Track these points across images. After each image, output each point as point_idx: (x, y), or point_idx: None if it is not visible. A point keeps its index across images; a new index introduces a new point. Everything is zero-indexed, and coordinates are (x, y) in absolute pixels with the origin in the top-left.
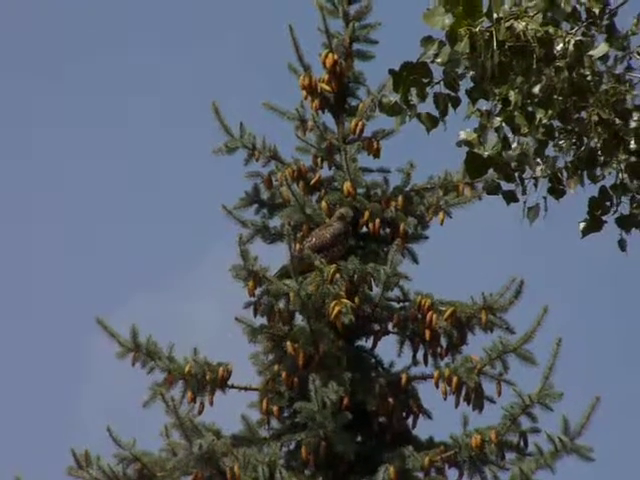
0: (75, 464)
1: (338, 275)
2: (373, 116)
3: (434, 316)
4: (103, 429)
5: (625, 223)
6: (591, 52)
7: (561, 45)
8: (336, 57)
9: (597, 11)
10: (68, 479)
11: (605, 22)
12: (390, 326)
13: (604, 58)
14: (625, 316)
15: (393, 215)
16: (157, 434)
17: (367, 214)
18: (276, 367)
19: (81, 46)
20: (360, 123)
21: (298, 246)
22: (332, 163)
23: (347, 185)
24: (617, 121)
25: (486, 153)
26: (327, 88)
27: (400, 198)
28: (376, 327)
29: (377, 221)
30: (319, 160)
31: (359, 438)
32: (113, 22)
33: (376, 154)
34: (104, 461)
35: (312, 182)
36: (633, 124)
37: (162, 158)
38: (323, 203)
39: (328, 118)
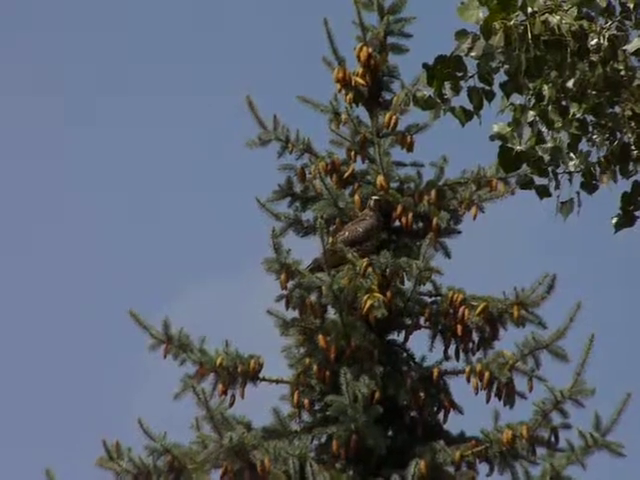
0: (106, 455)
1: (370, 269)
2: (407, 110)
3: (466, 311)
4: (135, 421)
5: None
6: (625, 47)
7: (595, 40)
8: (370, 50)
9: (632, 5)
10: (99, 471)
11: (636, 20)
12: (422, 320)
13: (638, 53)
14: None
15: (426, 209)
16: (188, 426)
17: (400, 208)
18: (307, 360)
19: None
20: (394, 117)
21: (331, 239)
22: (365, 157)
23: (380, 179)
24: None
25: (519, 147)
26: (361, 81)
27: (433, 192)
28: (408, 321)
29: (410, 215)
30: (352, 153)
31: (390, 432)
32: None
33: (409, 148)
34: (135, 453)
35: (345, 175)
36: None
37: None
38: (356, 197)
39: (362, 112)
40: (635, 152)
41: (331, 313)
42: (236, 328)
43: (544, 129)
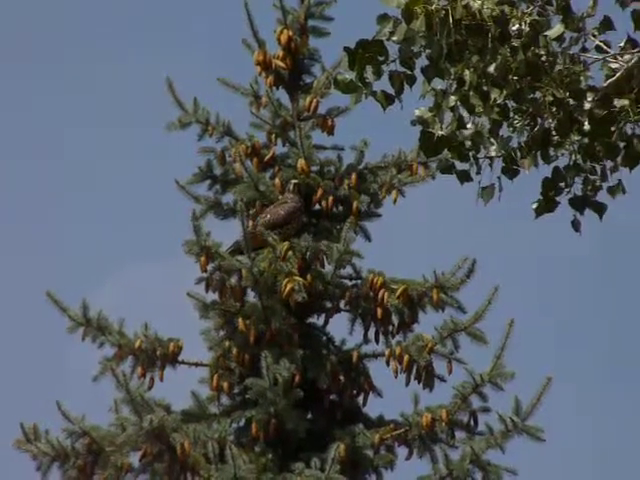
0: (24, 437)
1: (291, 252)
2: (327, 93)
3: (386, 294)
4: (53, 402)
5: (578, 204)
6: (547, 32)
7: (517, 25)
8: (291, 33)
9: None
10: (16, 453)
11: (561, 3)
12: (342, 304)
13: (559, 39)
14: (576, 296)
15: (346, 193)
16: (107, 409)
17: (320, 191)
18: (227, 343)
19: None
20: (314, 100)
21: (251, 222)
22: (286, 140)
23: (301, 162)
24: (571, 101)
25: (440, 132)
26: (281, 65)
27: (353, 176)
28: (328, 305)
29: (330, 199)
30: (273, 137)
31: (310, 415)
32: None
33: (330, 131)
34: (53, 435)
35: (266, 159)
36: (587, 105)
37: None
38: (276, 180)
39: (282, 95)
40: (555, 137)
41: (251, 296)
42: (156, 311)
43: (465, 114)
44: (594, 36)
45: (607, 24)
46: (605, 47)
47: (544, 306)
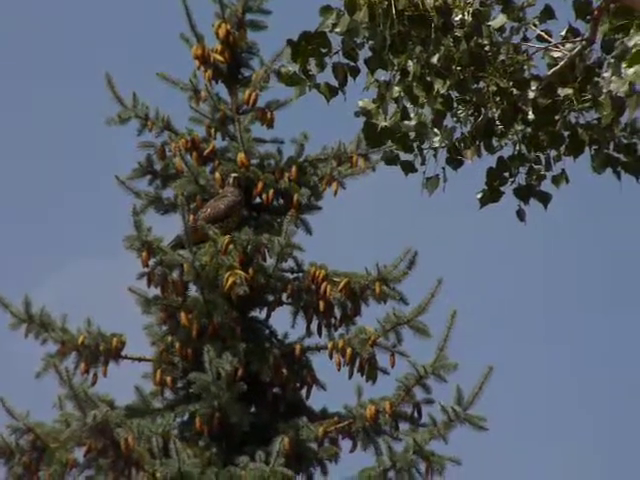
0: None
1: (232, 246)
2: (266, 86)
3: (328, 287)
4: None
5: (523, 194)
6: (489, 22)
7: (460, 15)
8: (229, 27)
9: None
10: None
11: None
12: (284, 297)
13: (501, 29)
14: (518, 287)
15: (287, 186)
16: (50, 405)
17: (260, 185)
18: (170, 338)
19: None
20: (253, 94)
21: (192, 217)
22: (226, 134)
23: (241, 156)
24: (515, 91)
25: (384, 123)
26: (220, 58)
27: (293, 169)
28: (270, 298)
29: (271, 192)
30: (212, 131)
31: (253, 409)
32: None
33: (270, 124)
34: None
35: (205, 153)
36: (531, 94)
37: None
38: (217, 174)
39: (221, 89)
40: (499, 127)
41: (193, 290)
42: (99, 307)
43: (409, 105)
44: (535, 25)
45: (548, 13)
46: (546, 37)
47: (486, 297)
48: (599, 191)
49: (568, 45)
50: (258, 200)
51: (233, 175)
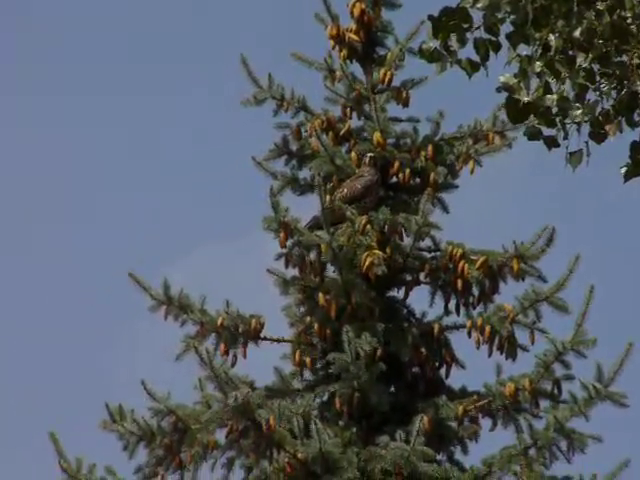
0: (109, 418)
1: (369, 226)
2: (402, 65)
3: (465, 265)
4: (138, 383)
5: None
6: None
7: None
8: (363, 6)
9: None
10: (103, 433)
11: None
12: (422, 276)
13: None
14: None
15: (423, 165)
16: (191, 387)
17: (397, 164)
18: (308, 319)
19: None
20: (389, 73)
21: (329, 197)
22: (361, 113)
23: (377, 135)
24: None
25: (526, 98)
26: (355, 38)
27: (430, 147)
28: (408, 277)
29: (407, 171)
30: (348, 110)
31: (392, 389)
32: None
33: (405, 103)
34: (138, 414)
35: (341, 132)
36: None
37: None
38: (353, 154)
39: (356, 68)
40: None
41: (331, 271)
42: (237, 288)
43: (551, 80)
44: None
45: None
46: None
47: (624, 270)
48: None
49: None
50: (394, 179)
51: (369, 155)
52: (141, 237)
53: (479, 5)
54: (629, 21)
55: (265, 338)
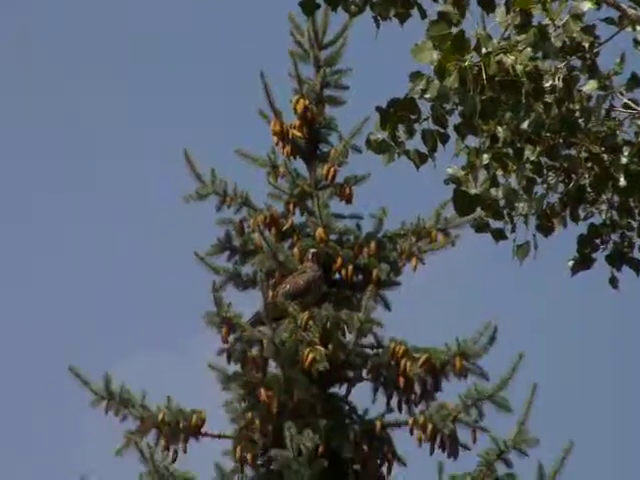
0: None
1: (311, 322)
2: (345, 162)
3: (408, 363)
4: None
5: (615, 261)
6: (581, 88)
7: (550, 81)
8: (307, 102)
9: (587, 45)
10: None
11: (588, 61)
12: (364, 373)
13: (589, 97)
14: (600, 357)
15: (366, 261)
16: None
17: (340, 260)
18: (250, 414)
19: None
20: (332, 169)
21: (271, 293)
22: (304, 209)
23: (319, 231)
24: (607, 157)
25: (474, 191)
26: (298, 134)
27: (372, 244)
28: (350, 374)
29: (350, 267)
30: (291, 206)
31: None
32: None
33: (348, 200)
34: None
35: (284, 228)
36: (624, 160)
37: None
38: (295, 249)
39: (300, 164)
40: (591, 194)
41: (273, 367)
42: (178, 385)
43: (499, 172)
44: (622, 94)
45: (635, 81)
46: (633, 105)
47: (567, 369)
48: None
49: None
50: (337, 275)
51: (312, 251)
52: (82, 335)
53: (427, 96)
54: (577, 114)
55: (206, 434)
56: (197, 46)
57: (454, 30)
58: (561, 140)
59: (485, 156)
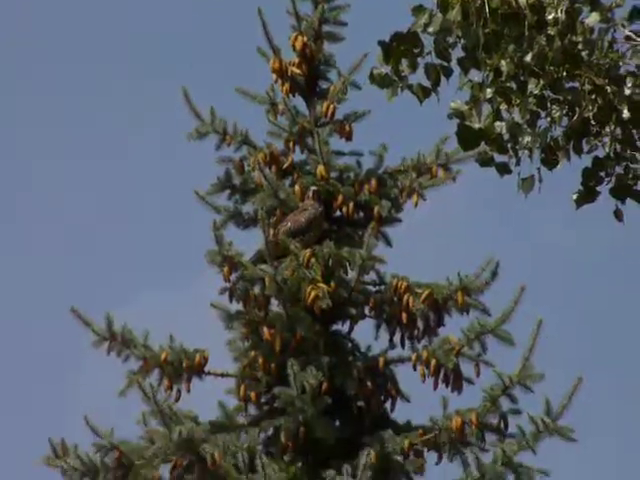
0: (52, 453)
1: (313, 259)
2: (344, 99)
3: (410, 298)
4: (80, 419)
5: (619, 193)
6: (583, 20)
7: (553, 13)
8: (305, 39)
9: None
10: (46, 469)
11: None
12: (366, 310)
13: (591, 30)
14: (608, 294)
15: (367, 198)
16: (135, 422)
17: (340, 198)
18: (253, 353)
19: None
20: (331, 106)
21: (272, 231)
22: (304, 147)
23: (320, 169)
24: (610, 89)
25: (478, 125)
26: (297, 71)
27: (373, 181)
28: (352, 311)
29: (351, 205)
30: (291, 144)
31: (338, 423)
32: None
33: (348, 137)
34: (82, 450)
35: (284, 166)
36: (627, 91)
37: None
38: (296, 187)
39: (299, 101)
40: (594, 127)
41: (275, 305)
42: (181, 323)
43: (502, 106)
44: (623, 26)
45: (637, 13)
46: (634, 37)
47: (571, 302)
48: None
49: None
50: (338, 213)
51: (313, 188)
52: (84, 279)
53: (430, 30)
54: (580, 47)
55: (209, 373)
56: None
57: None
58: (564, 73)
59: (489, 90)
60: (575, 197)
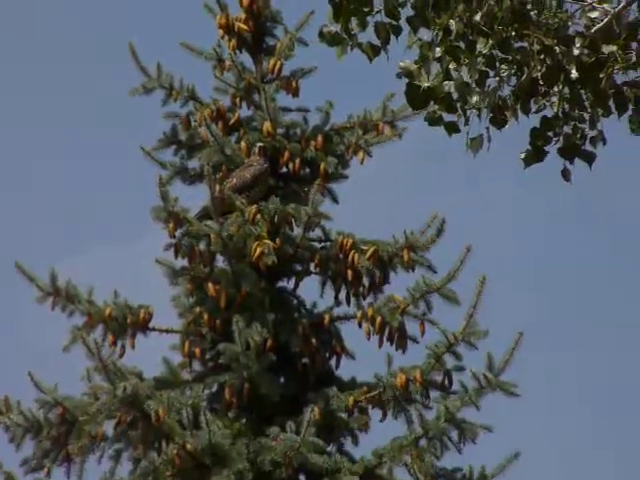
0: None
1: (259, 216)
2: (291, 55)
3: (356, 255)
4: (24, 374)
5: (567, 153)
6: None
7: None
8: None
9: None
10: None
11: None
12: (312, 267)
13: None
14: (550, 249)
15: (313, 155)
16: (79, 378)
17: (287, 154)
18: (198, 309)
19: None
20: (278, 62)
21: (218, 187)
22: (251, 103)
23: (266, 125)
24: (559, 49)
25: (427, 84)
26: (244, 27)
27: (320, 138)
28: (298, 268)
29: (297, 161)
30: (238, 100)
31: (283, 379)
32: None
33: (295, 93)
34: (25, 406)
35: (231, 122)
36: (575, 51)
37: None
38: (242, 143)
39: (246, 58)
40: (543, 87)
41: (220, 261)
42: (125, 279)
43: (452, 65)
44: None
45: None
46: None
47: (517, 261)
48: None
49: (606, 5)
50: (284, 169)
51: (259, 144)
52: (33, 231)
53: None
54: (529, 6)
55: (154, 329)
56: None
57: None
58: (513, 32)
59: (438, 49)
60: (523, 156)
